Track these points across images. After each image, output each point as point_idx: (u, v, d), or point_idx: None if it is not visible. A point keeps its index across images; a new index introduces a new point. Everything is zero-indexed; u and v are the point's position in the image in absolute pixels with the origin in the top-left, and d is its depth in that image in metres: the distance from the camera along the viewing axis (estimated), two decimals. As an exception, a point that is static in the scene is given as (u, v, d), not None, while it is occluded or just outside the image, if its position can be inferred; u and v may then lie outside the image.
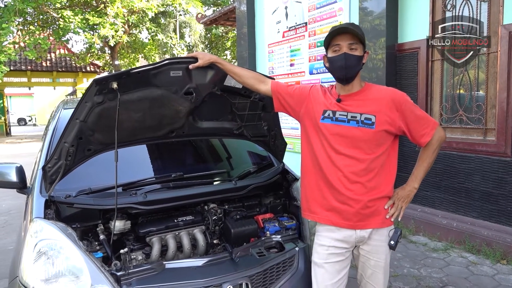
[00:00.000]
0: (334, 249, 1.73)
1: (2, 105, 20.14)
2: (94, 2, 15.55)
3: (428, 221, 4.06)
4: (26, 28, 15.56)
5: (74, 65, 19.88)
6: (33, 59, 15.02)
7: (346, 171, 1.66)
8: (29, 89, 29.48)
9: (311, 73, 5.50)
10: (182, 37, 19.08)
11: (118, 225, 2.00)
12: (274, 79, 1.99)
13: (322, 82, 5.20)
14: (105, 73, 19.68)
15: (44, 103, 31.77)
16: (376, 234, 1.71)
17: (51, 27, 16.11)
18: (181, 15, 18.64)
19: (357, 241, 1.72)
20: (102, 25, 14.08)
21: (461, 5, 3.74)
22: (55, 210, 1.95)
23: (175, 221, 2.13)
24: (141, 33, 18.82)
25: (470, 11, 3.68)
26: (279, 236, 2.15)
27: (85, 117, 1.85)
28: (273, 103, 1.89)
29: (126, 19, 15.10)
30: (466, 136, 3.83)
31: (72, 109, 2.01)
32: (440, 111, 4.03)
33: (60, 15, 14.48)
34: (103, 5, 14.84)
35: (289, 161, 2.79)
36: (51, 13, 15.24)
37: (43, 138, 2.72)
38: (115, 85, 1.77)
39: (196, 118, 2.22)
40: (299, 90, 1.84)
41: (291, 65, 5.91)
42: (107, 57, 19.42)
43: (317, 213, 1.76)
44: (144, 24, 16.67)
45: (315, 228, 1.84)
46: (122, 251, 1.92)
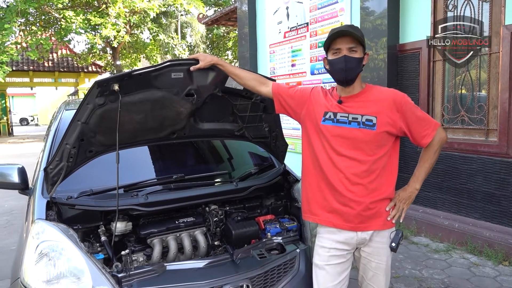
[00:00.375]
0: (335, 251, 1.73)
1: (4, 105, 20.21)
2: (96, 3, 15.59)
3: (430, 222, 4.05)
4: (28, 29, 15.60)
5: (76, 65, 19.96)
6: (35, 59, 15.08)
7: (347, 173, 1.66)
8: (31, 89, 29.54)
9: (312, 73, 5.50)
10: (183, 37, 19.10)
11: (120, 226, 2.00)
12: (275, 80, 1.99)
13: (324, 83, 5.20)
14: (107, 74, 19.73)
15: (46, 103, 31.84)
16: (378, 236, 1.71)
17: (53, 28, 16.16)
18: (182, 15, 18.66)
19: (358, 243, 1.72)
20: (103, 25, 14.12)
21: (462, 5, 3.73)
22: (56, 212, 1.95)
23: (176, 222, 2.13)
24: (142, 33, 18.84)
25: (472, 11, 3.67)
26: (280, 238, 2.15)
27: (86, 118, 1.85)
28: (274, 105, 1.90)
29: (127, 19, 15.12)
30: (468, 136, 3.82)
31: (74, 110, 2.01)
32: (442, 112, 4.02)
33: (62, 15, 14.52)
34: (104, 6, 14.87)
35: (291, 161, 2.79)
36: (53, 13, 15.29)
37: (45, 139, 2.73)
38: (116, 87, 1.78)
39: (197, 119, 2.23)
40: (300, 92, 1.84)
41: (293, 65, 5.91)
42: (109, 58, 19.46)
43: (318, 214, 1.75)
44: (146, 25, 16.70)
45: (316, 229, 1.84)
46: (123, 252, 1.93)
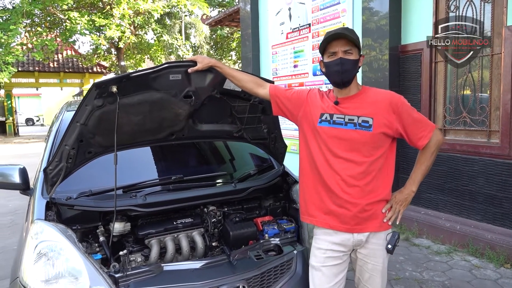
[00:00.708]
0: (331, 253, 1.73)
1: (10, 106, 20.39)
2: (101, 4, 15.68)
3: (431, 223, 4.03)
4: (33, 30, 15.73)
5: (81, 66, 20.09)
6: (41, 60, 15.22)
7: (343, 175, 1.66)
8: (37, 89, 29.76)
9: (314, 74, 5.50)
10: (187, 38, 19.15)
11: (118, 227, 2.01)
12: (273, 82, 1.99)
13: (326, 84, 5.19)
14: (111, 74, 19.82)
15: (51, 104, 32.02)
16: (374, 237, 1.71)
17: (58, 29, 16.28)
18: (186, 16, 18.71)
19: (354, 245, 1.72)
20: (108, 26, 14.20)
21: (464, 6, 3.72)
22: (56, 212, 1.97)
23: (174, 223, 2.14)
24: (147, 34, 18.93)
25: (474, 12, 3.65)
26: (277, 239, 2.15)
27: (85, 120, 1.87)
28: (271, 106, 1.90)
29: (132, 20, 15.20)
30: (469, 138, 3.80)
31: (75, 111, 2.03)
32: (443, 113, 4.00)
33: (66, 16, 14.63)
34: (109, 7, 14.96)
35: (293, 162, 2.77)
36: (58, 14, 15.40)
37: (45, 140, 2.75)
38: (114, 89, 1.79)
39: (196, 121, 2.24)
40: (297, 94, 1.85)
41: (295, 66, 5.91)
42: (114, 58, 19.56)
43: (315, 216, 1.76)
44: (150, 25, 16.77)
45: (313, 231, 1.84)
46: (121, 253, 1.94)
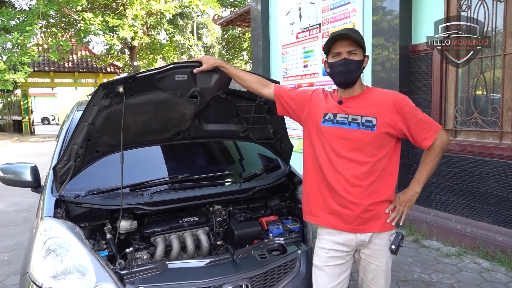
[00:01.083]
0: (334, 252, 1.73)
1: (26, 105, 20.79)
2: (114, 5, 15.89)
3: (441, 225, 3.98)
4: (49, 31, 16.04)
5: (95, 66, 20.39)
6: (56, 60, 15.51)
7: (346, 174, 1.66)
8: (52, 89, 30.26)
9: (324, 74, 5.48)
10: (199, 38, 19.26)
11: (125, 225, 2.04)
12: (279, 83, 2.00)
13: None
14: (124, 74, 20.06)
15: (66, 103, 32.47)
16: (377, 238, 1.71)
17: (72, 29, 16.55)
18: (198, 16, 18.81)
19: (357, 245, 1.72)
20: (121, 26, 14.38)
21: (476, 5, 3.66)
22: (65, 209, 2.01)
23: (180, 222, 2.16)
24: (159, 34, 19.09)
25: (486, 11, 3.60)
26: (282, 239, 2.16)
27: (93, 120, 1.90)
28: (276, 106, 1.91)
29: (144, 20, 15.36)
30: (481, 139, 3.74)
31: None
32: (454, 114, 3.95)
33: (81, 17, 14.89)
34: (122, 7, 15.15)
35: (301, 162, 2.76)
36: (72, 15, 15.67)
37: (57, 139, 2.81)
38: (121, 89, 1.82)
39: (201, 120, 2.26)
40: (301, 94, 1.85)
41: (305, 66, 5.90)
42: (127, 58, 19.80)
43: (318, 216, 1.76)
44: (162, 26, 16.92)
45: (317, 231, 1.84)
46: (127, 250, 1.97)
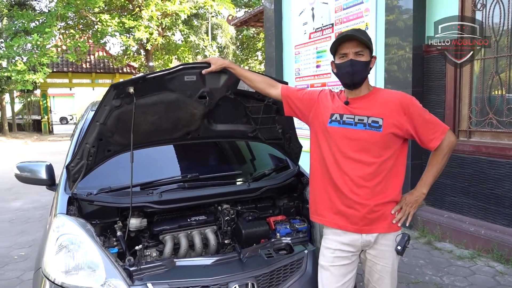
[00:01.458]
0: (340, 253, 1.73)
1: (45, 105, 21.31)
2: (130, 6, 16.13)
3: (454, 227, 3.92)
4: (67, 32, 16.40)
5: (112, 66, 20.80)
6: (74, 61, 15.85)
7: (352, 175, 1.66)
8: (70, 89, 30.87)
9: (336, 74, 5.45)
10: (214, 38, 19.35)
11: (135, 222, 2.09)
12: (287, 83, 2.01)
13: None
14: (140, 74, 20.34)
15: (84, 103, 33.13)
16: (383, 238, 1.70)
17: (90, 31, 16.88)
18: (213, 16, 18.91)
19: (363, 245, 1.72)
20: (137, 28, 14.58)
21: (491, 4, 3.59)
22: (77, 207, 2.07)
23: (188, 220, 2.19)
24: (174, 35, 19.28)
25: (502, 10, 3.53)
26: (289, 238, 2.17)
27: (104, 119, 1.96)
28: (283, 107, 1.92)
29: (160, 22, 15.54)
30: (496, 140, 3.67)
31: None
32: (469, 114, 3.88)
33: (98, 19, 15.17)
34: (138, 9, 15.36)
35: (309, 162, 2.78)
36: (90, 17, 15.98)
37: (71, 138, 2.89)
38: (131, 90, 1.87)
39: (211, 121, 2.29)
40: (308, 94, 1.86)
41: (317, 66, 5.88)
42: (143, 59, 20.06)
43: (324, 216, 1.77)
44: (177, 27, 17.08)
45: (323, 230, 1.85)
46: (137, 247, 2.02)
